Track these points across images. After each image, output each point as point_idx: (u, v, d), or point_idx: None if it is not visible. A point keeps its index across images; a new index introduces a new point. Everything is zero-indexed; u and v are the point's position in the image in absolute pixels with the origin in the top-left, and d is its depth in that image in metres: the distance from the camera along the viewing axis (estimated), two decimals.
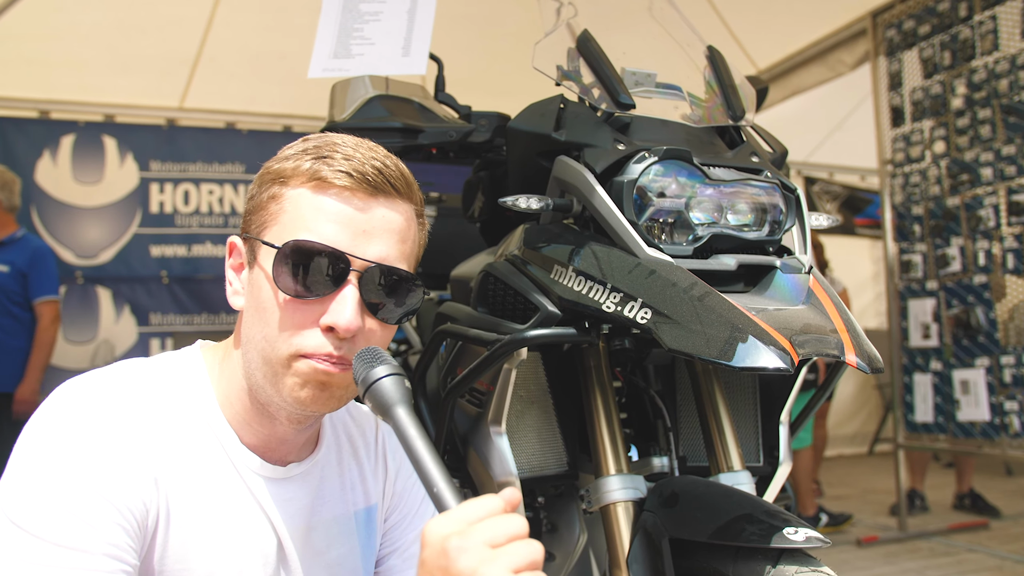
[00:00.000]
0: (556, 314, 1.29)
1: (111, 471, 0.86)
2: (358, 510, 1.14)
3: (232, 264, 1.02)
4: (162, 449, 0.92)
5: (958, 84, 4.10)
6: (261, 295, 0.95)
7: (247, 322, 0.98)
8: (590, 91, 1.43)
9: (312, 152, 0.96)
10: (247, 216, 1.00)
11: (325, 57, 1.75)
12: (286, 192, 0.96)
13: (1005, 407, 3.83)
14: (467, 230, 2.06)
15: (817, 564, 1.10)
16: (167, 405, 0.96)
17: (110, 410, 0.90)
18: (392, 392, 0.86)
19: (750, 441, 1.57)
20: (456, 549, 0.69)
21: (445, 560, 0.70)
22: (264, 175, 0.99)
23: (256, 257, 0.97)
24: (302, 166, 0.95)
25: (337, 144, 0.97)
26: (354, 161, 0.94)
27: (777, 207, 1.33)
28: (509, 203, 1.35)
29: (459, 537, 0.70)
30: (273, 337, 0.93)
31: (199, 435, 0.96)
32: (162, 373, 0.99)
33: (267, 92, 5.29)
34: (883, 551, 4.04)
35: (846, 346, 1.13)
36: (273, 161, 1.00)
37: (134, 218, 5.30)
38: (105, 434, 0.88)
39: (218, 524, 0.95)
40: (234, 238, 1.02)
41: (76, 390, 0.92)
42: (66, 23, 4.44)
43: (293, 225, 0.94)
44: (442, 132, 1.66)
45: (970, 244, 4.03)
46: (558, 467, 1.56)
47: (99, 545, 0.82)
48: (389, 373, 0.87)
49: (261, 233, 0.96)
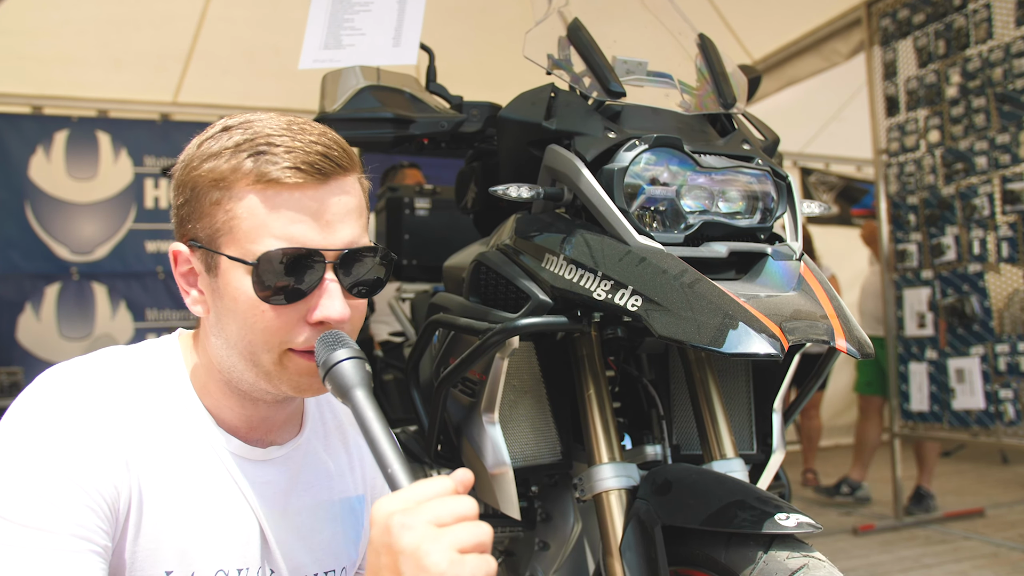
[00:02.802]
0: (547, 303, 1.29)
1: (80, 453, 0.87)
2: (346, 497, 1.14)
3: (182, 272, 0.97)
4: (134, 432, 0.92)
5: (953, 73, 4.09)
6: (236, 305, 0.92)
7: (219, 324, 0.95)
8: (581, 80, 1.43)
9: (247, 148, 0.91)
10: (185, 221, 0.95)
11: (316, 48, 1.74)
12: (232, 198, 0.91)
13: (1000, 395, 3.84)
14: (460, 221, 2.06)
15: (809, 549, 1.10)
16: (142, 390, 0.96)
17: (82, 394, 0.91)
18: (351, 375, 0.86)
19: (743, 429, 1.57)
20: (400, 526, 0.69)
21: (389, 537, 0.70)
22: (195, 176, 0.93)
23: (217, 265, 0.93)
24: (243, 166, 0.90)
25: (271, 135, 0.92)
26: (297, 152, 0.91)
27: (768, 194, 1.33)
28: (500, 192, 1.35)
29: (403, 515, 0.70)
30: (259, 342, 0.93)
31: (174, 419, 0.97)
32: (140, 359, 1.00)
33: (261, 86, 5.27)
34: (879, 539, 4.06)
35: (836, 332, 1.13)
36: (199, 157, 0.94)
37: (129, 213, 5.28)
38: (75, 417, 0.89)
39: (195, 506, 0.95)
40: (178, 246, 0.97)
41: (53, 377, 0.93)
42: (59, 18, 4.43)
43: (255, 234, 0.90)
44: (434, 122, 1.65)
45: (965, 233, 4.03)
46: (552, 456, 1.56)
47: (66, 526, 0.83)
48: (349, 356, 0.87)
49: (216, 242, 0.93)
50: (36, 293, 5.05)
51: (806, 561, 1.07)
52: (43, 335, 5.03)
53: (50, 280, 5.08)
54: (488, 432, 1.44)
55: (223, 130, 0.95)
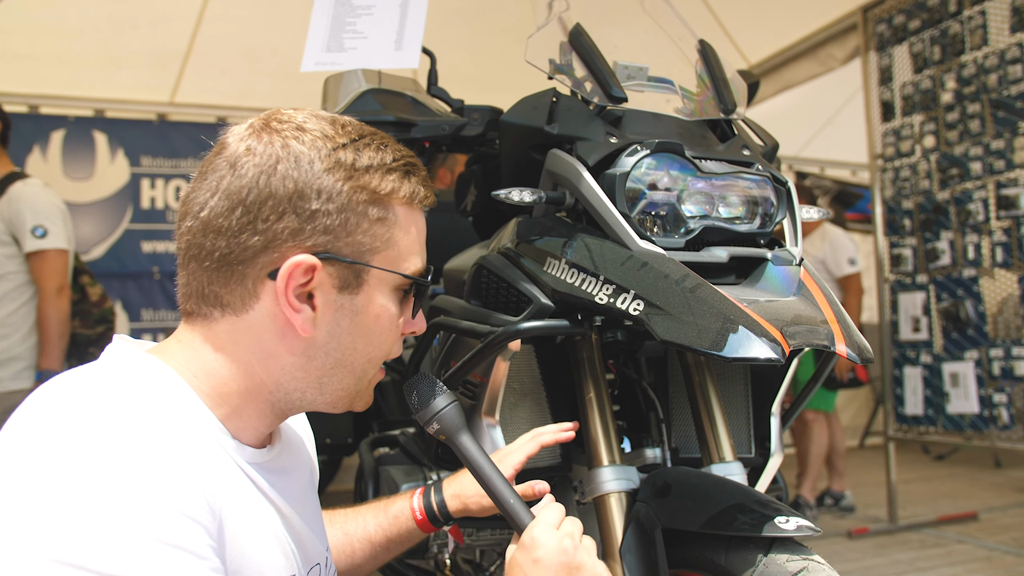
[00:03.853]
0: (549, 306, 1.30)
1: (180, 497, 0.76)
2: (312, 468, 1.15)
3: (300, 284, 0.87)
4: (195, 465, 0.80)
5: (948, 79, 4.12)
6: (378, 322, 0.94)
7: (326, 344, 0.91)
8: (582, 84, 1.43)
9: (397, 168, 0.93)
10: (328, 232, 0.87)
11: (317, 51, 1.75)
12: (389, 214, 0.92)
13: (994, 399, 3.87)
14: (460, 224, 2.06)
15: (808, 552, 1.11)
16: (170, 420, 0.82)
17: (141, 436, 0.77)
18: (456, 419, 1.05)
19: (742, 432, 1.58)
20: (573, 548, 0.97)
21: (566, 557, 0.95)
22: (351, 188, 0.88)
23: (363, 282, 0.91)
24: (400, 188, 0.92)
25: (407, 156, 0.96)
26: (419, 175, 0.96)
27: (768, 200, 1.34)
28: (502, 196, 1.36)
29: (570, 538, 0.97)
30: (378, 357, 0.96)
31: (207, 443, 0.87)
32: (138, 386, 0.85)
33: (259, 87, 5.27)
34: (874, 543, 4.08)
35: (836, 337, 1.14)
36: (351, 169, 0.89)
37: (125, 214, 5.27)
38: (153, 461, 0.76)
39: (249, 529, 0.88)
40: (307, 258, 0.86)
41: (80, 423, 0.76)
42: (55, 17, 4.42)
43: (408, 251, 0.95)
44: (435, 126, 1.66)
45: (959, 238, 4.06)
46: (551, 459, 1.56)
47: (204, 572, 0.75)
48: (450, 402, 1.05)
49: (369, 256, 0.91)
50: None
51: (805, 564, 1.07)
52: None
53: None
54: (488, 434, 1.45)
55: (360, 136, 0.92)
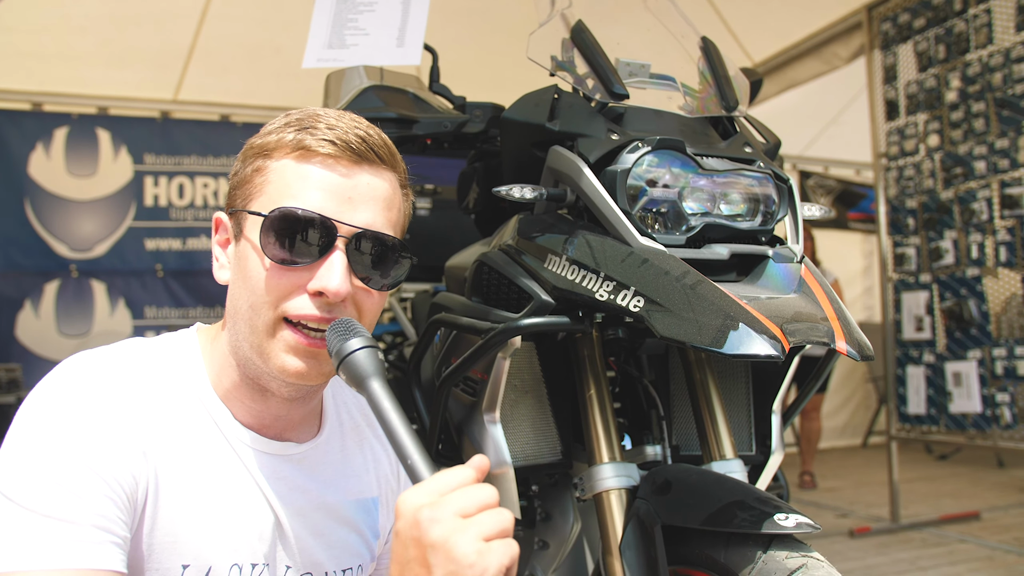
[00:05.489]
0: (549, 303, 1.30)
1: (99, 443, 0.87)
2: (361, 498, 1.14)
3: (218, 240, 1.03)
4: (151, 423, 0.93)
5: (952, 78, 4.11)
6: (248, 265, 0.96)
7: (233, 295, 0.99)
8: (584, 81, 1.43)
9: (295, 124, 0.98)
10: (232, 192, 1.02)
11: (319, 47, 1.75)
12: (270, 164, 0.97)
13: (997, 399, 3.86)
14: (462, 221, 2.06)
15: (807, 549, 1.11)
16: (159, 381, 0.97)
17: (100, 385, 0.92)
18: (366, 364, 0.86)
19: (743, 430, 1.58)
20: (428, 520, 0.72)
21: (418, 531, 0.72)
22: (247, 150, 1.00)
23: (242, 229, 0.98)
24: (285, 138, 0.97)
25: (319, 115, 0.98)
26: (337, 130, 0.96)
27: (770, 197, 1.33)
28: (503, 193, 1.36)
29: (431, 508, 0.72)
30: (259, 304, 0.94)
31: (190, 411, 0.98)
32: (158, 352, 1.01)
33: (262, 85, 5.27)
34: (875, 542, 4.07)
35: (836, 334, 1.14)
36: (256, 137, 1.01)
37: (128, 211, 5.28)
38: (94, 407, 0.89)
39: (211, 499, 0.95)
40: (220, 214, 1.03)
41: (73, 366, 0.94)
42: (59, 15, 4.43)
43: (279, 194, 0.95)
44: (437, 123, 1.66)
45: (963, 237, 4.05)
46: (552, 456, 1.56)
47: (87, 516, 0.83)
48: (363, 345, 0.87)
49: (247, 205, 0.98)
50: (35, 290, 5.05)
51: (805, 561, 1.07)
52: (42, 332, 5.03)
53: (49, 277, 5.09)
54: (489, 431, 1.45)
55: (284, 115, 1.01)
